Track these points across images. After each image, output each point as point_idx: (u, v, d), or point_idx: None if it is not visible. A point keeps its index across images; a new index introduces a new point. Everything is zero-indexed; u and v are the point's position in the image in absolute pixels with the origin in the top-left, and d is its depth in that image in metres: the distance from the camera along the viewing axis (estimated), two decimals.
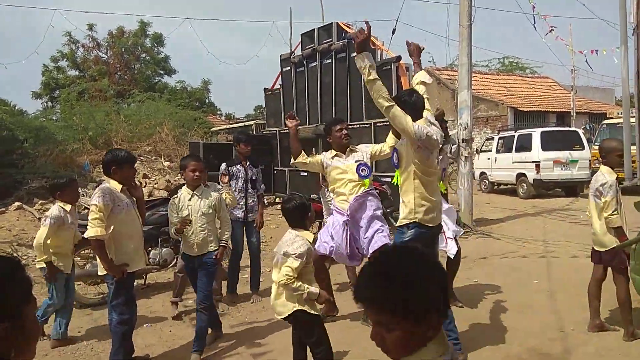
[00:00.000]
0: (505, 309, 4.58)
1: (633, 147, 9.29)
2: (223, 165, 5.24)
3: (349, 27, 9.12)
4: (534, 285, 5.24)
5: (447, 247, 4.50)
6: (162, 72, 29.46)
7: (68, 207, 4.12)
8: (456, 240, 4.67)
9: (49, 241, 3.96)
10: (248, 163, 5.30)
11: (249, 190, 5.25)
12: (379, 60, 8.47)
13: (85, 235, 3.48)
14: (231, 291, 5.27)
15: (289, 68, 10.51)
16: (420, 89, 3.59)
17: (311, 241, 3.12)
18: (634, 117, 9.56)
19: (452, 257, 4.55)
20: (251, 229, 5.31)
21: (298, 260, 2.91)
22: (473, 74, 9.96)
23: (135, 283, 4.11)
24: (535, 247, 7.09)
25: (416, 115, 3.30)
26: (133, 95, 21.61)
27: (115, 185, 3.53)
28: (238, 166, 5.25)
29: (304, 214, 3.14)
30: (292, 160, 4.35)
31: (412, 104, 3.33)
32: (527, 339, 3.87)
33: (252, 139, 5.64)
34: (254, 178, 5.31)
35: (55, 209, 4.09)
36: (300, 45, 10.33)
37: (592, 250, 3.95)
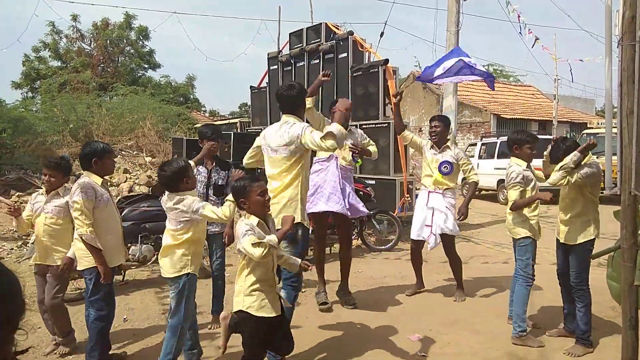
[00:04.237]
0: (485, 314, 4.62)
1: (614, 157, 9.48)
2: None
3: (338, 28, 9.13)
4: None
5: (429, 240, 4.93)
6: (146, 65, 29.10)
7: None
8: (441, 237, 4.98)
9: None
10: (214, 164, 4.36)
11: (211, 197, 4.27)
12: (367, 62, 8.50)
13: (77, 234, 3.38)
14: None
15: (276, 67, 10.47)
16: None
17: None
18: (615, 127, 9.77)
19: (429, 248, 5.02)
20: (212, 243, 4.33)
21: None
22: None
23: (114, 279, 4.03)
24: None
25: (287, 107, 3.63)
26: (116, 88, 21.25)
27: (95, 179, 3.47)
28: (200, 167, 4.28)
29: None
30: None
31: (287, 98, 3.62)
32: (505, 343, 3.91)
33: (219, 135, 4.41)
34: (219, 183, 4.32)
35: None
36: (288, 45, 10.30)
37: None
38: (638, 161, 2.01)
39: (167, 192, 3.21)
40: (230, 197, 3.09)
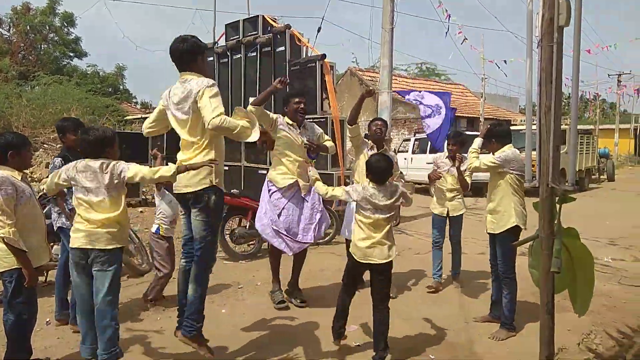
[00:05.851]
0: (419, 302, 4.80)
1: (533, 152, 10.07)
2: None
3: (275, 21, 9.05)
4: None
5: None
6: (71, 54, 27.57)
7: None
8: None
9: None
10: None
11: None
12: (304, 57, 8.50)
13: None
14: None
15: (212, 58, 10.21)
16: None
17: None
18: (535, 124, 10.40)
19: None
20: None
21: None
22: (393, 77, 10.29)
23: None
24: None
25: None
26: (38, 77, 19.94)
27: (13, 174, 3.22)
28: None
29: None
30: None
31: None
32: (437, 329, 4.08)
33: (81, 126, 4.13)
34: None
35: None
36: (224, 36, 10.08)
37: None
38: (555, 156, 2.15)
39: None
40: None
